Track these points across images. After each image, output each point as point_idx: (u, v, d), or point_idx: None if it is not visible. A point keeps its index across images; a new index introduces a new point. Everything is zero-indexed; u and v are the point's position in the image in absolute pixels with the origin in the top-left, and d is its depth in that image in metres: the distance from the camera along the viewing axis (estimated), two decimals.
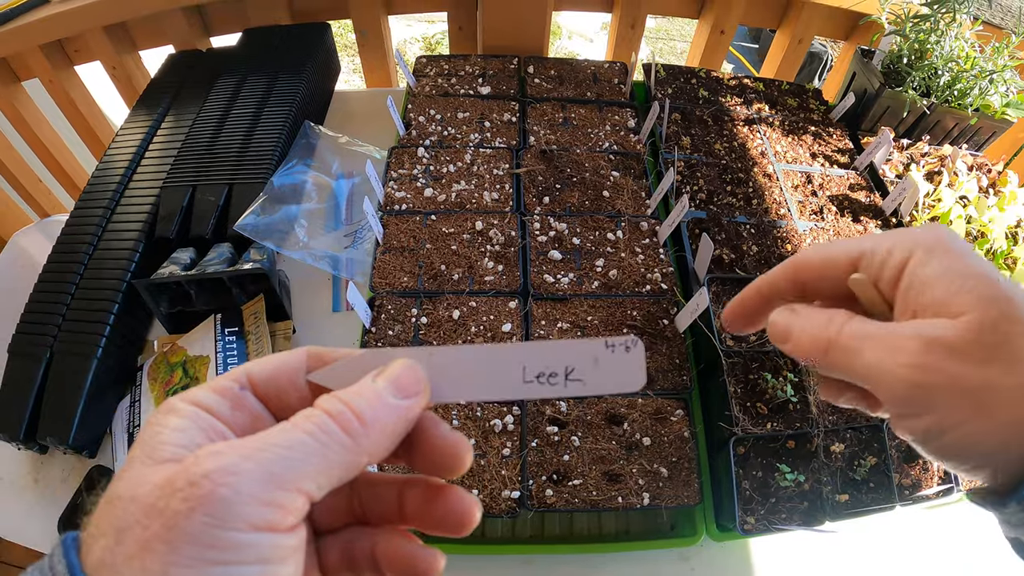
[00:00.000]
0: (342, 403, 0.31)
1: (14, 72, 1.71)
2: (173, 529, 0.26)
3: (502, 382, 0.35)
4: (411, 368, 0.34)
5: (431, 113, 1.35)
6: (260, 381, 0.34)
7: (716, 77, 1.51)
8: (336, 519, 0.36)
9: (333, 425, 0.30)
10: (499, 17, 1.48)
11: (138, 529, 0.26)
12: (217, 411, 0.32)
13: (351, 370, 0.34)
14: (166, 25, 1.58)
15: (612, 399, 0.98)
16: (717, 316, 1.02)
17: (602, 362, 0.34)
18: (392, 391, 0.32)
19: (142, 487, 0.27)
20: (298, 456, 0.29)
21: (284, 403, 0.35)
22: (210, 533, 0.26)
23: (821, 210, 1.25)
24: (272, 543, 0.28)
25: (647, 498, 0.90)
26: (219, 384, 0.33)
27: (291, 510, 0.28)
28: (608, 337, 0.34)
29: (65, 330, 1.08)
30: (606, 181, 1.25)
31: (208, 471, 0.27)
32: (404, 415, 0.33)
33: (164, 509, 0.26)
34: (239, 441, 0.29)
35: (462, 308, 1.04)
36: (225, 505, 0.26)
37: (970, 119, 1.34)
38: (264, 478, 0.27)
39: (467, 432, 0.93)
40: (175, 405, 0.31)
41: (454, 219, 1.16)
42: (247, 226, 1.15)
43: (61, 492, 1.05)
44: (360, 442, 0.31)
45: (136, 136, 1.37)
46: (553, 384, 0.34)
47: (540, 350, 0.35)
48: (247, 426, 0.33)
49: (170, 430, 0.30)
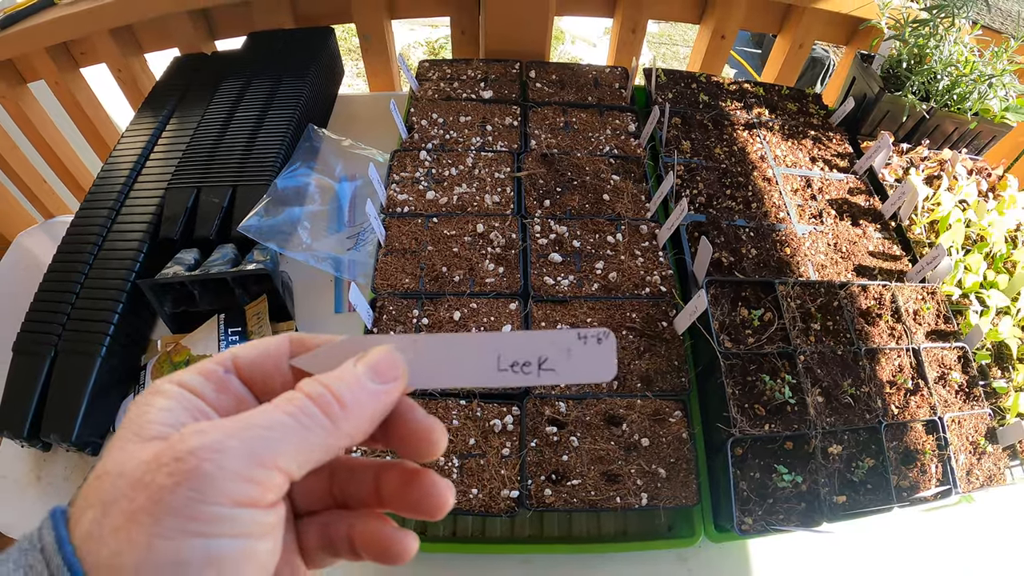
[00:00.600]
0: (323, 386, 0.32)
1: (20, 74, 1.72)
2: (159, 503, 0.27)
3: (477, 370, 0.36)
4: (390, 354, 0.35)
5: (433, 117, 1.36)
6: (245, 365, 0.36)
7: (716, 82, 1.51)
8: (315, 502, 0.38)
9: (314, 408, 0.31)
10: (501, 22, 1.50)
11: (124, 502, 0.27)
12: (202, 392, 0.33)
13: (333, 356, 0.35)
14: (172, 28, 1.59)
15: (611, 400, 0.98)
16: (715, 319, 1.02)
17: (575, 353, 0.36)
18: (371, 376, 0.34)
19: (129, 462, 0.29)
20: (279, 436, 0.30)
21: (268, 387, 0.36)
22: (194, 507, 0.27)
23: (820, 214, 1.25)
24: (252, 518, 0.29)
25: (645, 498, 0.90)
26: (204, 367, 0.34)
27: (271, 487, 0.29)
28: (581, 329, 0.36)
29: (70, 329, 1.09)
30: (606, 184, 1.26)
31: (193, 448, 0.28)
32: (383, 399, 0.34)
33: (150, 483, 0.27)
34: (223, 421, 0.30)
35: (463, 309, 1.05)
36: (209, 480, 0.27)
37: (969, 123, 1.35)
38: (246, 456, 0.29)
39: (467, 432, 0.94)
40: (162, 387, 0.33)
41: (455, 221, 1.17)
42: (251, 227, 1.16)
43: (63, 489, 1.06)
44: (339, 424, 0.32)
45: (141, 138, 1.38)
46: (527, 373, 0.36)
47: (515, 340, 0.36)
48: (231, 408, 0.34)
49: (157, 409, 0.31)
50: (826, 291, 1.09)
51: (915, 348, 1.06)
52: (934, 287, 1.14)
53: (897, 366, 1.04)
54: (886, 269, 1.19)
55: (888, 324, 1.08)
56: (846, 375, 1.01)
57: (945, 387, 1.05)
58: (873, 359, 1.04)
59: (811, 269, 1.16)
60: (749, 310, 1.05)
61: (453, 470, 0.91)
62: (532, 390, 0.98)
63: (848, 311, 1.07)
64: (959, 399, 1.04)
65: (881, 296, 1.10)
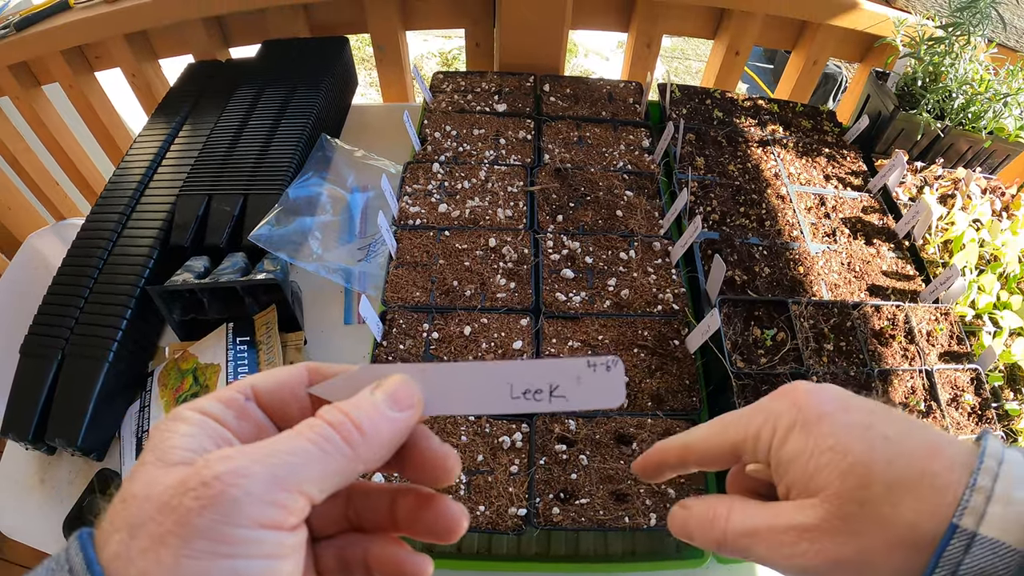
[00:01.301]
0: (343, 414, 0.33)
1: (35, 76, 1.73)
2: (185, 525, 0.28)
3: (490, 398, 0.37)
4: (407, 383, 0.36)
5: (447, 129, 1.36)
6: (263, 393, 0.37)
7: (731, 98, 1.51)
8: (332, 526, 0.38)
9: (334, 434, 0.32)
10: (516, 35, 1.50)
11: (152, 525, 0.28)
12: (223, 419, 0.34)
13: (350, 384, 0.36)
14: (186, 35, 1.60)
15: (621, 419, 0.97)
16: (728, 339, 1.01)
17: (584, 380, 0.37)
18: (389, 404, 0.35)
19: (156, 487, 0.29)
20: (302, 461, 0.31)
21: (286, 414, 0.37)
22: (220, 529, 0.28)
23: (834, 232, 1.25)
24: (276, 540, 0.30)
25: (654, 519, 0.89)
26: (225, 395, 0.36)
27: (294, 511, 0.30)
28: (590, 356, 0.36)
29: (78, 333, 1.09)
30: (620, 200, 1.25)
31: (219, 473, 0.29)
32: (400, 426, 0.35)
33: (177, 507, 0.28)
34: (247, 447, 0.31)
35: (474, 324, 1.04)
36: (234, 504, 0.28)
37: (984, 142, 1.34)
38: (270, 480, 0.30)
39: (476, 448, 0.93)
40: (183, 413, 0.34)
41: (468, 235, 1.16)
42: (261, 237, 1.16)
43: (67, 493, 1.06)
44: (358, 450, 0.33)
45: (154, 143, 1.38)
46: (539, 400, 0.37)
47: (526, 368, 0.37)
48: (251, 434, 0.35)
49: (180, 435, 0.32)
50: (839, 311, 1.08)
51: (928, 370, 1.05)
52: (947, 308, 1.13)
53: (910, 388, 1.03)
54: (899, 289, 1.18)
55: (901, 345, 1.07)
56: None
57: (957, 409, 1.04)
58: (886, 380, 1.03)
59: (824, 288, 1.15)
60: (762, 329, 1.04)
61: (461, 486, 0.90)
62: None
63: (861, 332, 1.07)
64: (971, 421, 1.03)
65: (894, 317, 1.10)
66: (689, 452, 0.44)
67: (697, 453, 0.44)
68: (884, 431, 0.36)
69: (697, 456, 0.44)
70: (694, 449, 0.44)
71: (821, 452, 0.36)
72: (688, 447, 0.44)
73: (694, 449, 0.44)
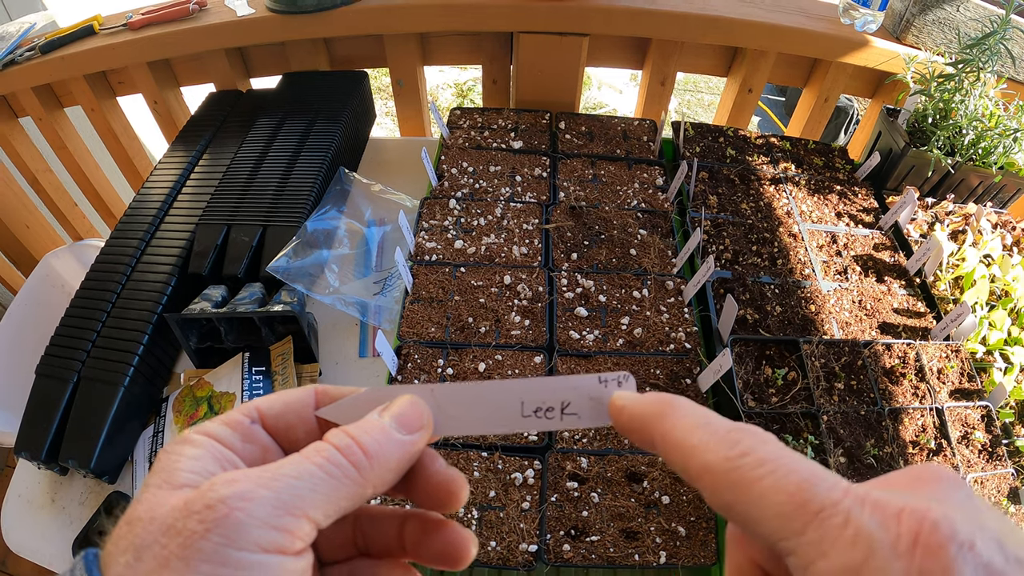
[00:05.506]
0: (349, 437, 0.33)
1: (58, 98, 1.77)
2: (190, 548, 0.28)
3: (501, 416, 0.36)
4: (415, 404, 0.36)
5: (463, 165, 1.38)
6: (270, 416, 0.36)
7: (744, 136, 1.53)
8: (340, 551, 0.38)
9: (341, 458, 0.32)
10: (533, 73, 1.52)
11: (157, 548, 0.28)
12: (229, 442, 0.34)
13: (358, 406, 0.36)
14: (208, 64, 1.63)
15: (633, 456, 0.98)
16: (739, 377, 1.02)
17: (596, 396, 0.36)
18: (397, 426, 0.34)
19: (160, 509, 0.29)
20: (307, 486, 0.31)
21: (292, 437, 0.37)
22: (224, 553, 0.28)
23: (845, 270, 1.25)
24: (281, 565, 0.29)
25: (664, 557, 0.90)
26: (231, 417, 0.35)
27: (299, 535, 0.30)
28: (601, 373, 0.36)
29: (94, 356, 1.10)
30: (633, 239, 1.27)
31: (224, 496, 0.29)
32: (408, 449, 0.34)
33: (182, 530, 0.28)
34: (252, 470, 0.31)
35: (488, 361, 1.05)
36: (239, 528, 0.28)
37: (995, 177, 1.35)
38: (275, 504, 0.29)
39: (488, 484, 0.94)
40: (190, 436, 0.34)
41: (483, 272, 1.18)
42: (279, 269, 1.17)
43: (78, 515, 1.06)
44: (365, 475, 0.32)
45: (174, 170, 1.41)
46: (550, 418, 0.36)
47: (537, 386, 0.36)
48: (257, 457, 0.35)
49: (186, 458, 0.32)
50: (850, 350, 1.09)
51: (939, 408, 1.05)
52: (958, 345, 1.13)
53: (920, 426, 1.04)
54: (910, 326, 1.18)
55: (912, 383, 1.08)
56: (869, 435, 1.01)
57: (968, 447, 1.04)
58: (896, 419, 1.03)
59: (835, 327, 1.16)
60: (773, 369, 1.05)
61: (472, 521, 0.90)
62: (555, 444, 0.98)
63: (872, 370, 1.07)
64: (982, 459, 1.03)
65: (905, 355, 1.10)
66: (688, 465, 0.31)
67: (693, 473, 0.31)
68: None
69: (691, 478, 0.31)
70: (691, 469, 0.31)
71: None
72: (688, 456, 0.32)
73: (691, 469, 0.31)
